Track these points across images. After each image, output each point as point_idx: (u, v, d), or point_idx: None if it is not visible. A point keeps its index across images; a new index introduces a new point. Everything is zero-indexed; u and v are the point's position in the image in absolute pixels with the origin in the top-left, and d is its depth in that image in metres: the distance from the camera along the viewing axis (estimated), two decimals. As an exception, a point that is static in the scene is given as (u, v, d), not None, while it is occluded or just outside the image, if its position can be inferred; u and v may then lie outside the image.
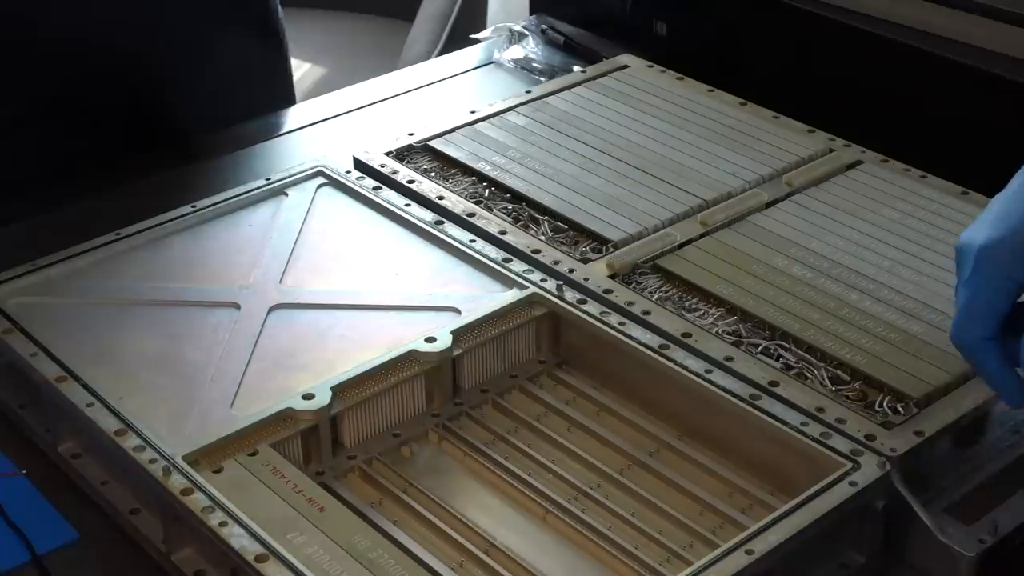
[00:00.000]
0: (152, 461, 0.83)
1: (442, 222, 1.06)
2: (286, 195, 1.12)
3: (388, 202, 1.09)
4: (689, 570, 0.75)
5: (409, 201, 1.09)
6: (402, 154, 1.17)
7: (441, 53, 1.85)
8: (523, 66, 1.42)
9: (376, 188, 1.11)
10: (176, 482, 0.82)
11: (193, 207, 1.09)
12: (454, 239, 1.04)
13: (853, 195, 1.09)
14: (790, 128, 1.18)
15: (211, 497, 0.80)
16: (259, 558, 0.77)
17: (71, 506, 0.88)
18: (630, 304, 0.96)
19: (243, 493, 0.81)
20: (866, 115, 1.21)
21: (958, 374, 0.89)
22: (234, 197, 1.11)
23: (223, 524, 0.79)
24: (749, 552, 0.75)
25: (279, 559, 0.76)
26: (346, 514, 0.81)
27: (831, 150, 1.15)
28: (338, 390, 0.88)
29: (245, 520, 0.79)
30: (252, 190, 1.11)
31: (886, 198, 1.08)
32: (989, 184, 1.08)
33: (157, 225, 1.07)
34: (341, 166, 1.15)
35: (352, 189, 1.12)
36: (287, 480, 0.83)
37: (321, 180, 1.13)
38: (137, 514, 0.86)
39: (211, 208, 1.09)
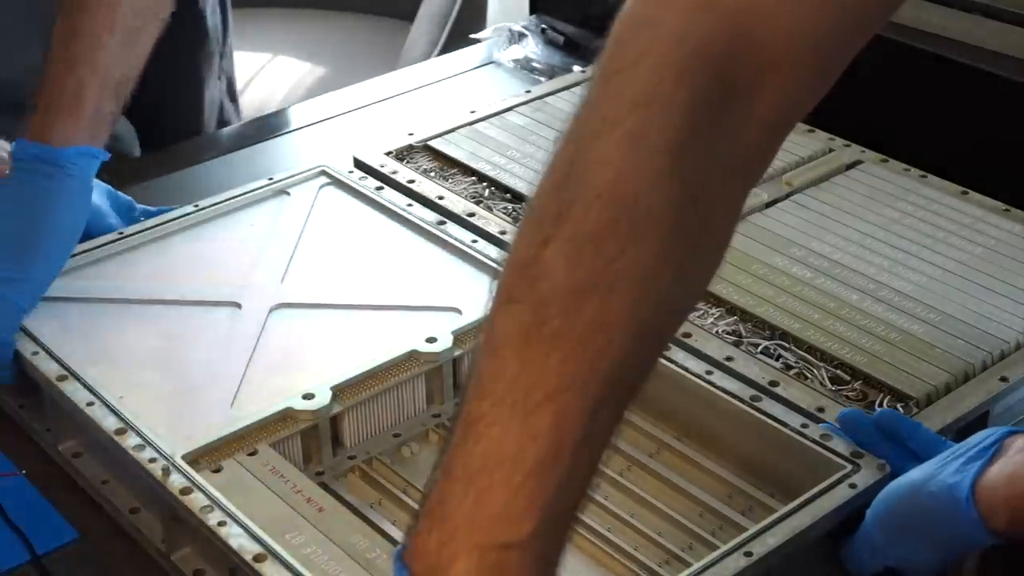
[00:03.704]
0: (152, 460, 0.82)
1: (444, 222, 1.05)
2: (289, 195, 1.10)
3: (390, 202, 1.08)
4: (688, 572, 0.73)
5: (411, 201, 1.08)
6: (402, 154, 1.15)
7: (441, 53, 1.82)
8: (523, 66, 1.40)
9: (379, 188, 1.09)
10: (175, 481, 0.80)
11: (195, 207, 1.07)
12: (456, 239, 1.03)
13: (853, 195, 1.07)
14: (790, 128, 1.16)
15: (210, 497, 0.79)
16: (257, 558, 0.75)
17: (71, 506, 0.87)
18: (630, 304, 0.94)
19: (242, 493, 0.80)
20: (866, 115, 1.19)
21: (958, 374, 0.87)
22: (237, 196, 1.09)
23: (222, 524, 0.77)
24: (748, 554, 0.74)
25: (277, 559, 0.75)
26: (345, 514, 0.80)
27: (831, 150, 1.13)
28: (338, 390, 0.87)
29: (244, 520, 0.77)
30: (255, 189, 1.10)
31: (886, 198, 1.06)
32: (989, 184, 1.07)
33: (159, 224, 1.05)
34: (344, 166, 1.13)
35: (355, 189, 1.10)
36: (286, 480, 0.82)
37: (324, 180, 1.11)
38: (137, 513, 0.85)
39: (214, 207, 1.08)
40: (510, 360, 0.56)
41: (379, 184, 1.10)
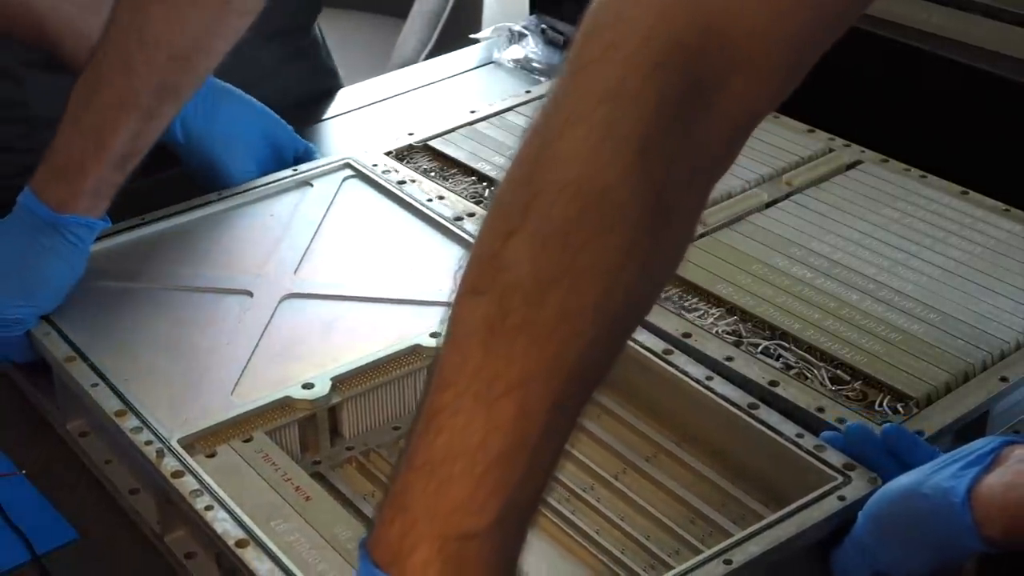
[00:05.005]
0: (148, 443, 0.75)
1: (461, 218, 0.94)
2: (312, 186, 1.01)
3: (412, 196, 0.98)
4: (666, 576, 0.64)
5: (432, 196, 0.97)
6: (402, 154, 1.06)
7: (433, 51, 1.70)
8: (523, 66, 1.29)
9: (401, 183, 0.99)
10: (168, 464, 0.73)
11: (218, 195, 0.99)
12: (473, 236, 0.92)
13: (853, 195, 0.98)
14: (790, 128, 1.06)
15: (200, 481, 0.72)
16: (240, 543, 0.68)
17: (71, 504, 0.78)
18: (631, 304, 0.84)
19: (233, 478, 0.73)
20: (866, 115, 1.09)
21: (958, 374, 0.79)
22: (260, 186, 1.00)
23: (209, 508, 0.71)
24: (727, 562, 0.65)
25: (259, 545, 0.68)
26: (331, 504, 0.72)
27: (831, 150, 1.03)
28: (338, 381, 0.79)
29: (231, 505, 0.71)
30: (278, 180, 1.01)
31: (886, 198, 0.97)
32: (989, 184, 0.98)
33: (181, 212, 0.97)
34: (369, 159, 1.03)
35: (377, 183, 1.01)
36: (277, 468, 0.74)
37: (348, 173, 1.02)
38: (136, 494, 0.78)
39: (236, 196, 0.99)
40: (474, 351, 0.51)
41: (402, 178, 1.00)
